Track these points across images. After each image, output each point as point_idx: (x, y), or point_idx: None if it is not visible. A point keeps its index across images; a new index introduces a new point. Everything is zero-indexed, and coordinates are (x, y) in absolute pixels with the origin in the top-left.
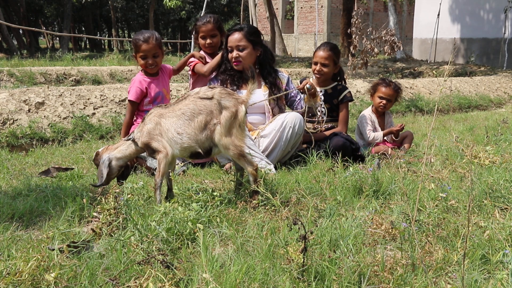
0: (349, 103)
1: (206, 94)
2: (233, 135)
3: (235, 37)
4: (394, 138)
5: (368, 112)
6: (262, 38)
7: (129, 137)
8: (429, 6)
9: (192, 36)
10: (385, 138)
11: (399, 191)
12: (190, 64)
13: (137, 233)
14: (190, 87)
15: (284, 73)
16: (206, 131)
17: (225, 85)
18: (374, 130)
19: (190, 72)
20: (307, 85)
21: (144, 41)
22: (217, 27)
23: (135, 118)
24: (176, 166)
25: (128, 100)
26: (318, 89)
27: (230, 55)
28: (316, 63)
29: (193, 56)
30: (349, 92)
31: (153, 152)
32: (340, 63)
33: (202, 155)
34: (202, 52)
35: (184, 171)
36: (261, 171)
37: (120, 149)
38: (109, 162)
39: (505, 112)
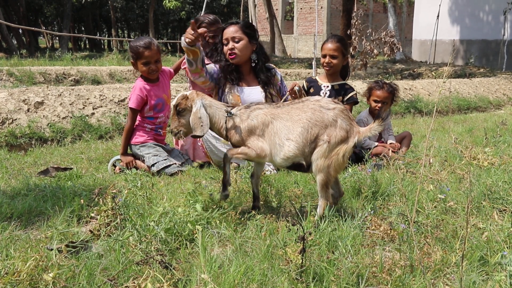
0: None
1: (328, 105)
2: (332, 161)
3: (231, 29)
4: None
5: (364, 115)
6: (257, 35)
7: (231, 111)
8: (428, 8)
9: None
10: (382, 139)
11: (398, 193)
12: (184, 66)
13: (136, 233)
14: (190, 87)
15: (276, 70)
16: (312, 145)
17: (226, 80)
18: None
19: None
20: (296, 87)
21: (146, 47)
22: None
23: (136, 123)
24: (174, 165)
25: (129, 107)
26: (327, 84)
27: (225, 48)
28: (324, 56)
29: None
30: (356, 93)
31: (238, 146)
32: (348, 56)
33: (304, 168)
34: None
35: (181, 171)
36: (264, 173)
37: (212, 106)
38: (204, 109)
39: (504, 114)
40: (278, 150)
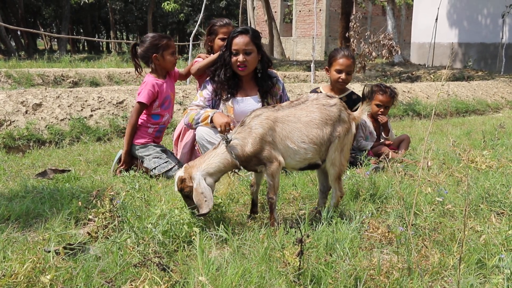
0: None
1: (328, 102)
2: (344, 152)
3: (242, 40)
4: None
5: (364, 117)
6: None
7: (227, 138)
8: (427, 10)
9: (205, 37)
10: (382, 140)
11: (396, 195)
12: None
13: (133, 235)
14: (198, 88)
15: (279, 78)
16: (328, 143)
17: (221, 91)
18: (370, 135)
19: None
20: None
21: (170, 38)
22: None
23: (140, 123)
24: (174, 167)
25: (138, 102)
26: (335, 96)
27: (234, 59)
28: (340, 71)
29: (199, 57)
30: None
31: (259, 163)
32: None
33: (320, 166)
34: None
35: None
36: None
37: (210, 162)
38: (205, 180)
39: (502, 117)
40: (292, 153)
